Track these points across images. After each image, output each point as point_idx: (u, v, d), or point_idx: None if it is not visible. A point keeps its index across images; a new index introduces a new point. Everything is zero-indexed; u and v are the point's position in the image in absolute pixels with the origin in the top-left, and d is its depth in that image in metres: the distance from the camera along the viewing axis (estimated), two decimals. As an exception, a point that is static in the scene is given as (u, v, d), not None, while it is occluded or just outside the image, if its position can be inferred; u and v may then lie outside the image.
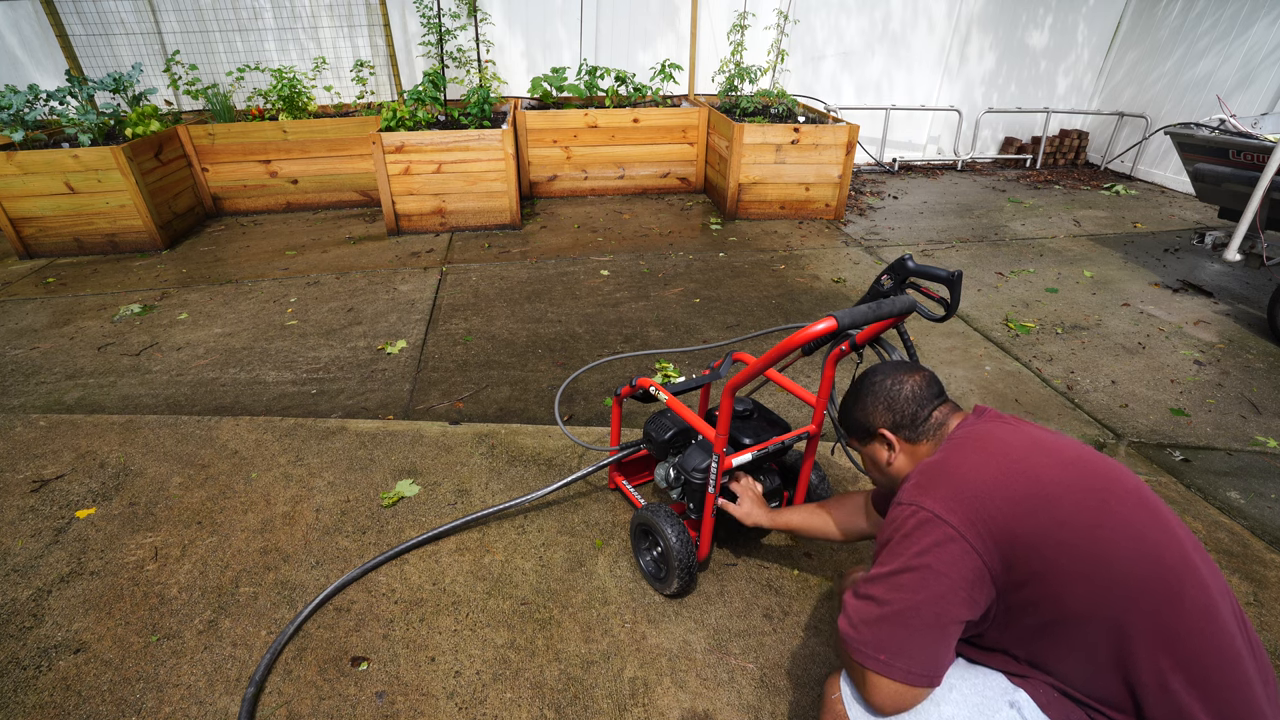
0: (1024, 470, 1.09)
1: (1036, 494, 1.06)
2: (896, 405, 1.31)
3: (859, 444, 1.42)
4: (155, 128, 4.76)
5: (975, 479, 1.09)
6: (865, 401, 1.36)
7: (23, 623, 1.89)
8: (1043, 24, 6.86)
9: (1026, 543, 1.03)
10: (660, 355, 3.31)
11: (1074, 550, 1.02)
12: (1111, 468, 1.12)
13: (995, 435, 1.17)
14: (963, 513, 1.05)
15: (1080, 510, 1.04)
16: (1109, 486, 1.08)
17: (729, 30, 5.75)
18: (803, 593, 2.01)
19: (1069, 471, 1.09)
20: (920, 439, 1.30)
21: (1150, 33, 6.75)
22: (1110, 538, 1.02)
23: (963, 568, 1.03)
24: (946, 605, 1.04)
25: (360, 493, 2.39)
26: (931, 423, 1.29)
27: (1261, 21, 5.79)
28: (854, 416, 1.39)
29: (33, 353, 3.37)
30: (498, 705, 1.67)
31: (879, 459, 1.37)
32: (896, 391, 1.32)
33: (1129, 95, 7.07)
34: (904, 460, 1.33)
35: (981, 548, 1.04)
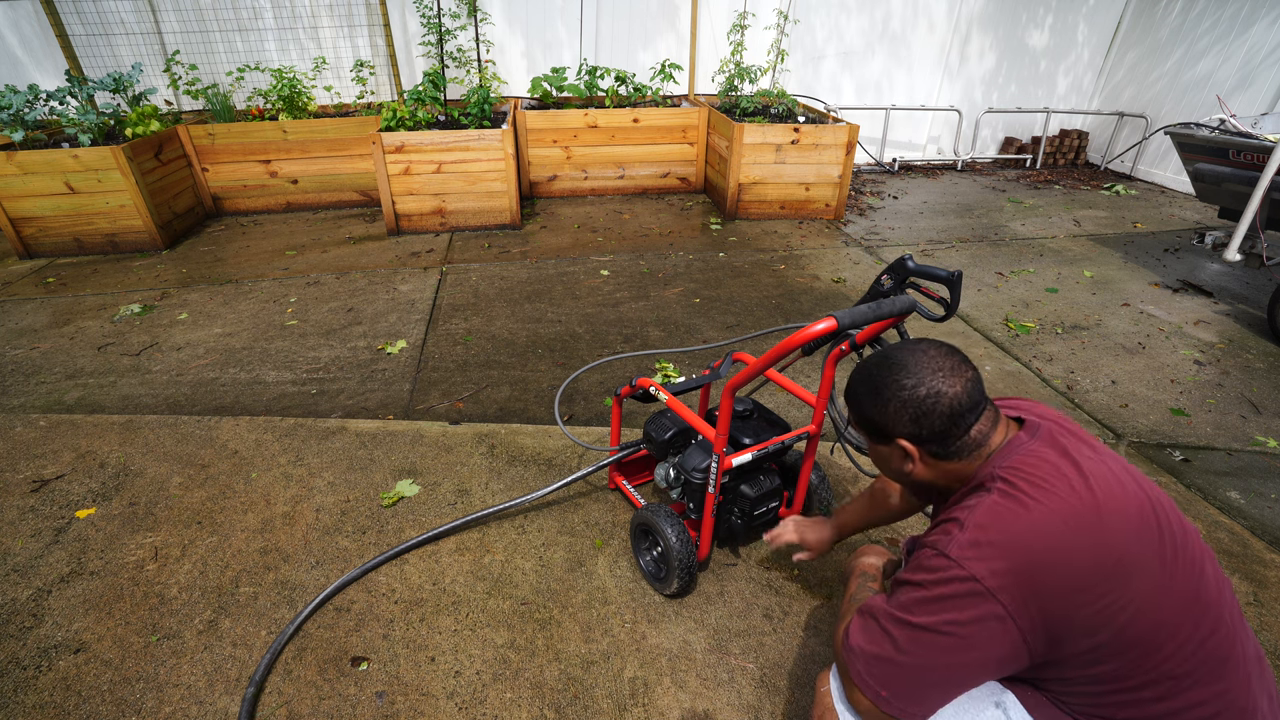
0: (1091, 537, 0.94)
1: (1102, 569, 0.93)
2: (927, 421, 1.07)
3: (868, 437, 1.20)
4: (155, 128, 4.76)
5: (1036, 546, 0.94)
6: (886, 401, 1.10)
7: (23, 623, 1.89)
8: (1043, 24, 6.86)
9: (1082, 627, 0.93)
10: (660, 355, 3.31)
11: (1129, 633, 0.93)
12: (1176, 523, 1.01)
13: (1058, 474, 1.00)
14: (1017, 591, 0.93)
15: (1146, 591, 0.93)
16: (1176, 554, 0.97)
17: (729, 30, 5.75)
18: (803, 593, 2.01)
19: (1138, 536, 0.96)
20: (950, 458, 1.10)
21: (1150, 33, 6.75)
22: (1169, 620, 0.94)
23: (1001, 646, 0.94)
24: (970, 673, 0.97)
25: (360, 493, 2.39)
26: (968, 442, 1.08)
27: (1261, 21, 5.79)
28: (867, 413, 1.15)
29: (33, 353, 3.37)
30: (498, 705, 1.67)
31: (893, 463, 1.17)
32: (930, 405, 1.06)
33: (1129, 95, 7.06)
34: (928, 471, 1.14)
35: (1029, 630, 0.94)
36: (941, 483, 1.14)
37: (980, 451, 1.09)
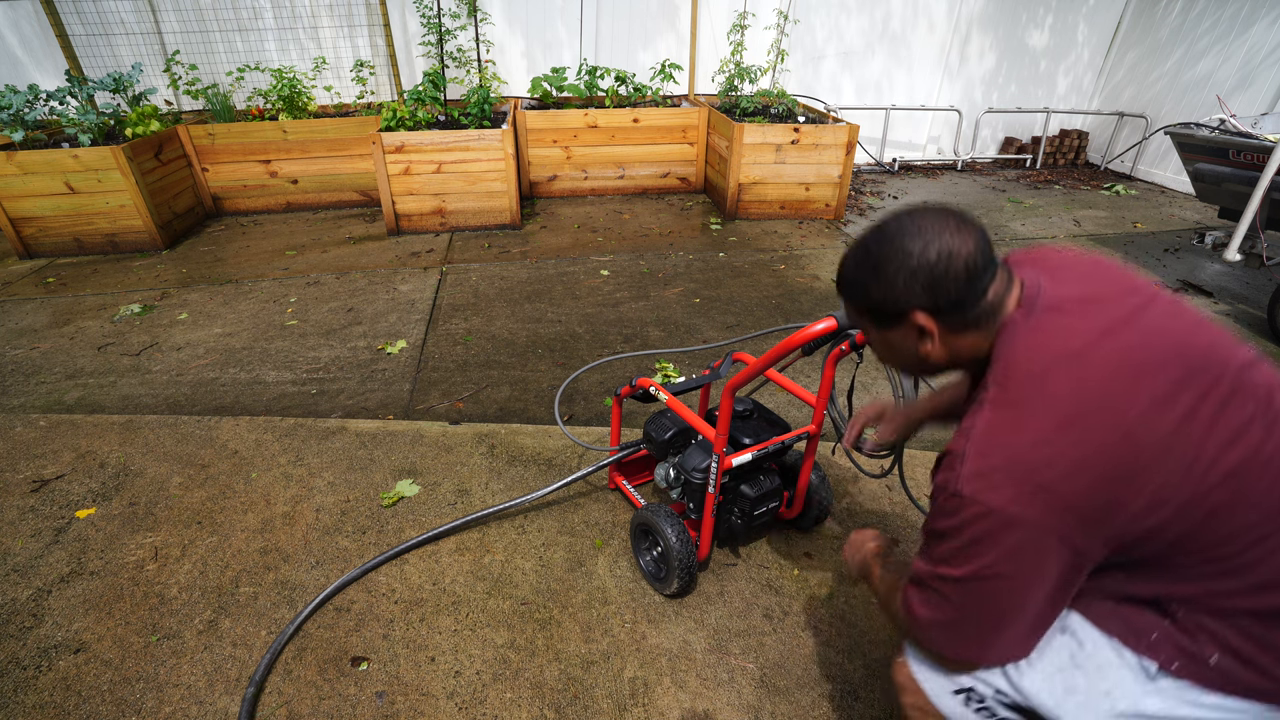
0: (1100, 429, 0.85)
1: (1125, 455, 0.84)
2: (942, 283, 0.93)
3: (871, 325, 1.05)
4: (155, 128, 4.76)
5: (1040, 460, 0.86)
6: (893, 275, 0.96)
7: (23, 623, 1.89)
8: (1043, 24, 6.86)
9: (1133, 511, 0.85)
10: (660, 355, 3.31)
11: (1192, 499, 0.85)
12: (1224, 361, 0.89)
13: (1053, 362, 0.90)
14: (1041, 508, 0.85)
15: (1193, 454, 0.84)
16: (1229, 398, 0.86)
17: (729, 30, 5.75)
18: (803, 593, 2.01)
19: (1166, 400, 0.85)
20: (968, 328, 0.96)
21: (1150, 33, 6.75)
22: (1239, 469, 0.84)
23: (1053, 564, 0.87)
24: (1039, 597, 0.90)
25: (360, 493, 2.39)
26: (985, 306, 0.95)
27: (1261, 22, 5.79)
28: (871, 295, 1.00)
29: (33, 353, 3.37)
30: (498, 705, 1.67)
31: (905, 347, 1.02)
32: (944, 267, 0.92)
33: (1129, 95, 7.06)
34: (942, 350, 1.00)
35: (1073, 537, 0.85)
36: (954, 362, 1.03)
37: (996, 319, 0.96)
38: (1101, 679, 0.94)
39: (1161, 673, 0.91)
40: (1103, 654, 0.94)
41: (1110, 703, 0.93)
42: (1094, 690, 0.94)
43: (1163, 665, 0.91)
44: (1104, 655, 0.94)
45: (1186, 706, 0.91)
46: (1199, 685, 0.90)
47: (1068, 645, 0.97)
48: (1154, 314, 0.93)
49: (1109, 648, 0.94)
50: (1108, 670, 0.93)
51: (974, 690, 1.02)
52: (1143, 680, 0.92)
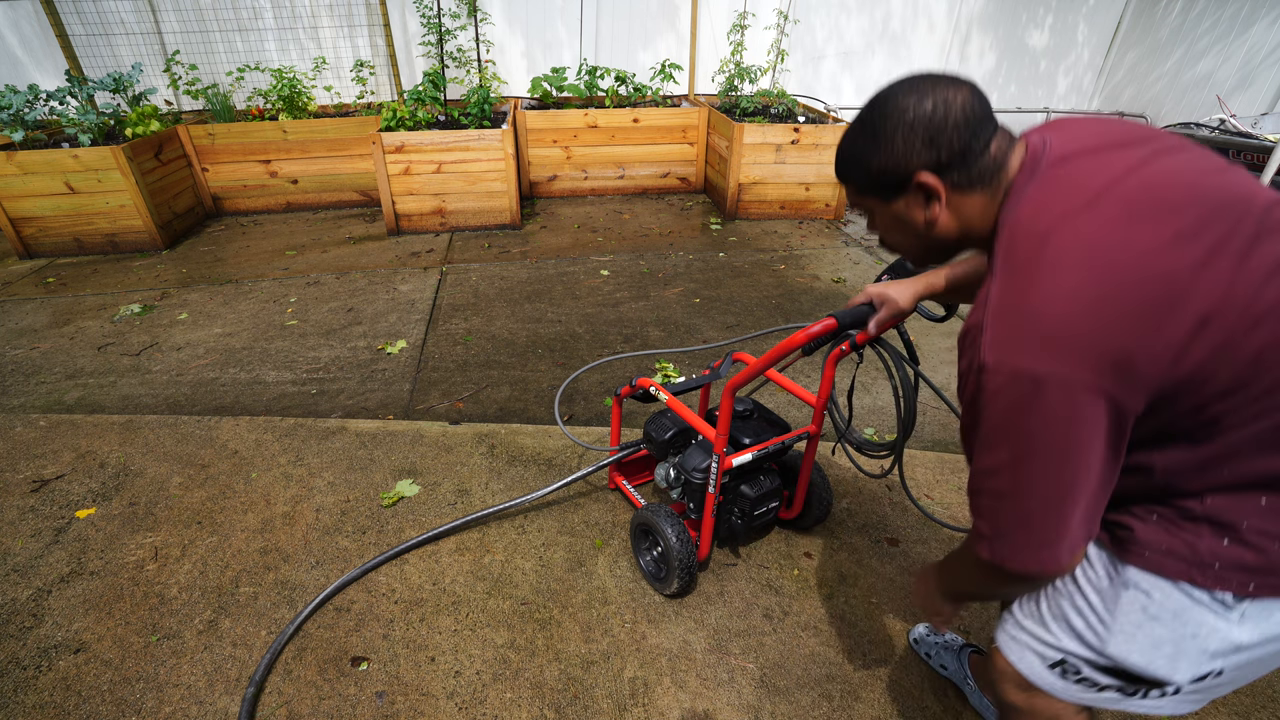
0: (1132, 254, 0.80)
1: (1155, 284, 0.78)
2: (942, 135, 0.89)
3: (876, 200, 1.01)
4: (155, 128, 4.76)
5: (1069, 300, 0.80)
6: (890, 135, 0.93)
7: (23, 623, 1.89)
8: (1043, 24, 6.86)
9: (1166, 354, 0.79)
10: (660, 355, 3.31)
11: (1233, 351, 0.78)
12: (1245, 200, 0.83)
13: (1077, 204, 0.85)
14: (1069, 352, 0.79)
15: (1224, 292, 0.78)
16: (1258, 233, 0.80)
17: (729, 30, 5.75)
18: (803, 593, 2.01)
19: (1196, 234, 0.79)
20: (974, 185, 0.92)
21: (1150, 33, 6.75)
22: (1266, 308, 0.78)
23: (1092, 422, 0.80)
24: (1085, 466, 0.83)
25: (360, 493, 2.39)
26: (989, 161, 0.91)
27: (1261, 21, 5.79)
28: (873, 163, 0.96)
29: (33, 353, 3.37)
30: (498, 705, 1.67)
31: (912, 219, 0.98)
32: (942, 117, 0.89)
33: (1129, 95, 7.06)
34: (949, 217, 0.96)
35: (1107, 382, 0.79)
36: (965, 234, 0.99)
37: (1001, 179, 0.92)
38: (1182, 625, 0.90)
39: (1239, 600, 0.86)
40: (1174, 600, 0.90)
41: (1200, 644, 0.89)
42: (1180, 637, 0.90)
43: (1237, 592, 0.86)
44: (1176, 600, 0.90)
45: (1276, 623, 0.87)
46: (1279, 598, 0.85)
47: (1136, 600, 0.92)
48: (1170, 160, 0.88)
49: (1177, 591, 0.89)
50: (1185, 614, 0.89)
51: (1066, 662, 1.00)
52: (1223, 613, 0.87)
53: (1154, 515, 0.91)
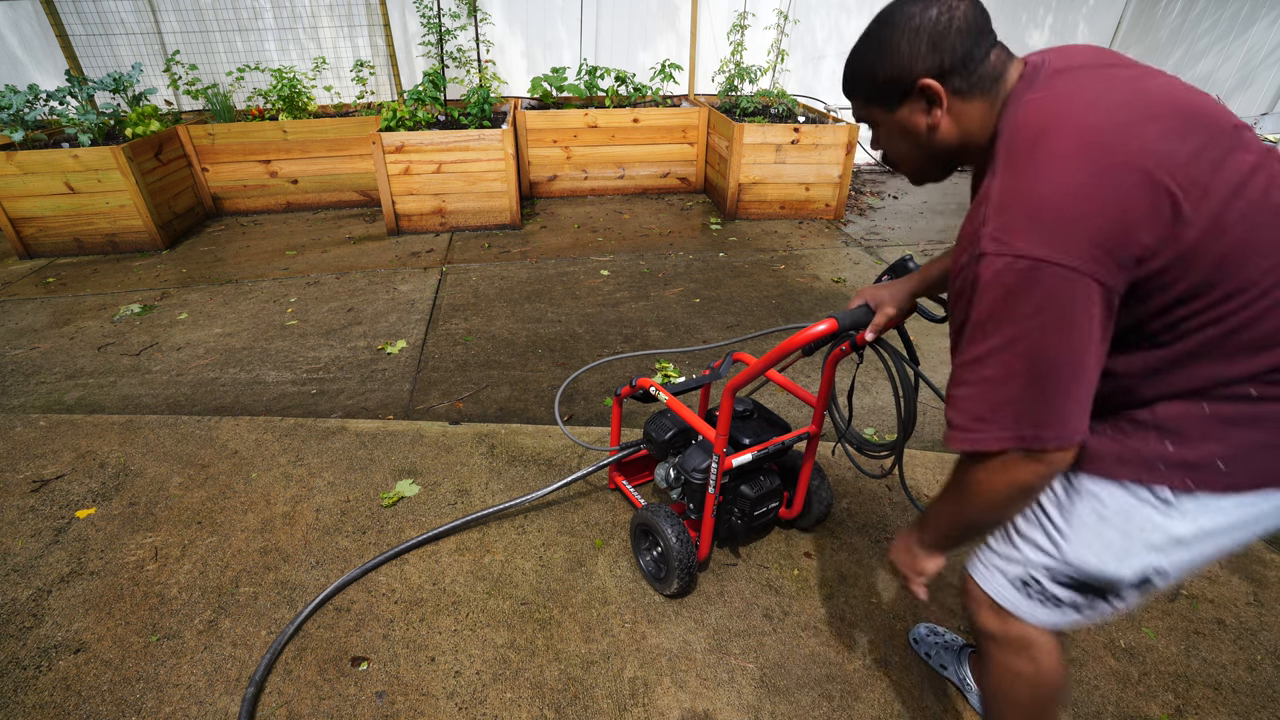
0: (1124, 141, 0.85)
1: (1145, 169, 0.83)
2: (945, 41, 0.95)
3: (881, 110, 1.06)
4: (155, 128, 4.76)
5: (1066, 185, 0.84)
6: (896, 43, 0.97)
7: (23, 623, 1.89)
8: (1043, 24, 6.86)
9: (1151, 234, 0.84)
10: (660, 355, 3.31)
11: (1206, 248, 0.84)
12: (1219, 117, 0.90)
13: (1074, 106, 0.90)
14: (1067, 236, 0.83)
15: (1204, 195, 0.83)
16: (1232, 145, 0.87)
17: (729, 30, 5.75)
18: (803, 593, 2.01)
19: (1181, 136, 0.86)
20: (974, 92, 0.97)
21: (1150, 33, 6.75)
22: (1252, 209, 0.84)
23: (1087, 305, 0.84)
24: (1079, 348, 0.86)
25: (360, 493, 2.39)
26: (989, 68, 0.97)
27: (1261, 21, 5.79)
28: (879, 71, 1.01)
29: (33, 353, 3.37)
30: (498, 705, 1.67)
31: (915, 127, 1.03)
32: (945, 22, 0.94)
33: (1129, 95, 7.06)
34: (950, 124, 1.00)
35: (1100, 267, 0.83)
36: (964, 142, 1.03)
37: (1000, 87, 0.98)
38: (1128, 523, 0.98)
39: (1178, 494, 0.94)
40: (1121, 500, 0.98)
41: (1144, 539, 0.97)
42: (1127, 536, 0.98)
43: (1176, 487, 0.94)
44: (1123, 501, 0.98)
45: (1212, 516, 0.94)
46: (1217, 493, 0.93)
47: (1090, 505, 1.01)
48: (1156, 79, 0.94)
49: (1124, 493, 0.97)
50: (1131, 513, 0.97)
51: (1029, 577, 1.08)
52: (1164, 509, 0.95)
53: (1106, 429, 0.99)
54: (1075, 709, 1.69)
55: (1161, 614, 1.96)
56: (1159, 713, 1.69)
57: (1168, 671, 1.79)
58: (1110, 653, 1.84)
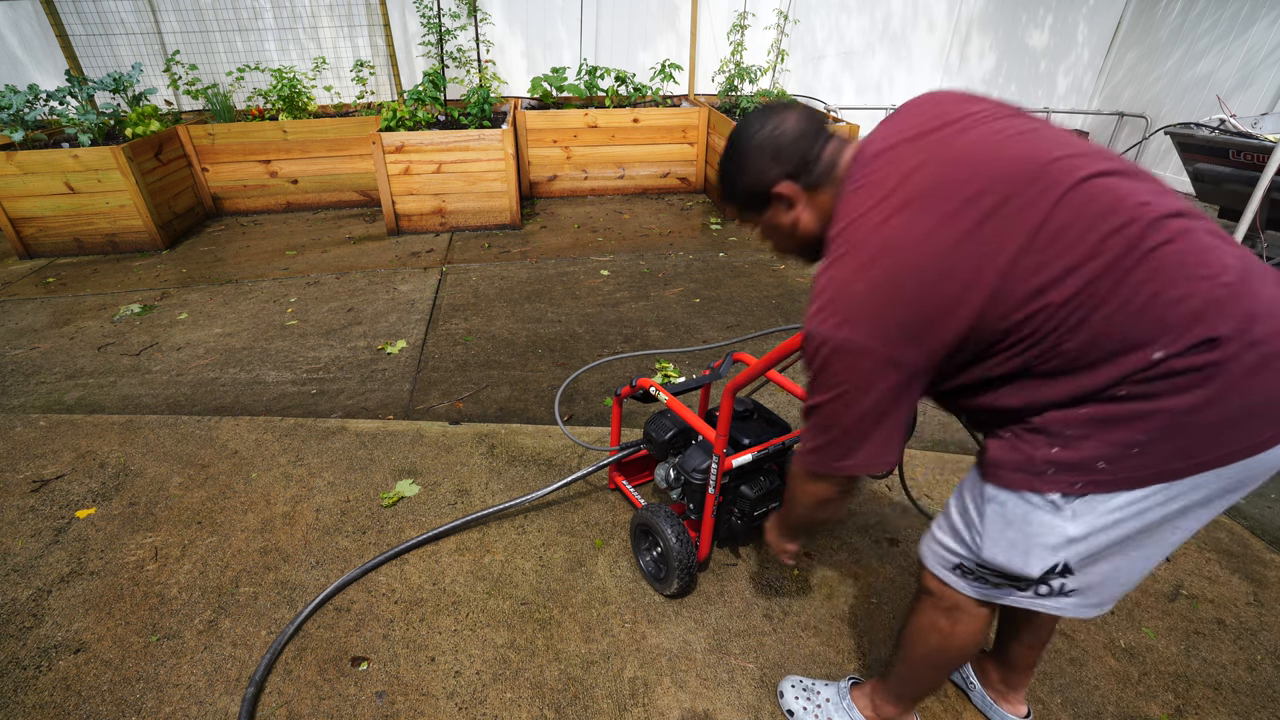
0: (910, 249, 0.96)
1: (927, 278, 0.95)
2: (785, 151, 1.13)
3: (754, 215, 1.24)
4: (155, 128, 4.76)
5: (863, 284, 0.99)
6: (748, 161, 1.17)
7: (23, 623, 1.89)
8: (1043, 24, 6.86)
9: (953, 323, 0.97)
10: (660, 355, 3.31)
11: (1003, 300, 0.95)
12: (1032, 161, 0.96)
13: (868, 208, 1.01)
14: (864, 326, 0.98)
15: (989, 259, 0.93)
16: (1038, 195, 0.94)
17: (729, 30, 5.75)
18: (803, 593, 2.01)
19: (967, 207, 0.95)
20: (820, 184, 1.14)
21: (1150, 33, 6.75)
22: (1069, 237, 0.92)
23: (885, 379, 1.01)
24: (881, 409, 1.04)
25: (360, 493, 2.39)
26: (825, 162, 1.13)
27: (1261, 21, 5.79)
28: (740, 184, 1.20)
29: (33, 353, 3.37)
30: (498, 705, 1.67)
31: (782, 224, 1.21)
32: (779, 134, 1.13)
33: (1129, 95, 7.06)
34: (809, 215, 1.17)
35: (898, 351, 0.99)
36: (823, 227, 1.15)
37: (835, 174, 1.13)
38: (1028, 525, 1.08)
39: (1067, 499, 1.03)
40: (1019, 507, 1.08)
41: (1041, 540, 1.07)
42: (1027, 537, 1.08)
43: (1065, 492, 1.03)
44: (1020, 508, 1.08)
45: (1102, 516, 1.02)
46: (1104, 493, 1.01)
47: (996, 511, 1.11)
48: (974, 133, 1.02)
49: (1021, 500, 1.07)
50: (1030, 516, 1.07)
51: (963, 564, 1.20)
52: (1056, 513, 1.05)
53: (1007, 434, 1.09)
54: (1075, 709, 1.69)
55: (1161, 614, 1.96)
56: (1159, 713, 1.69)
57: (1168, 671, 1.79)
58: (1110, 653, 1.84)
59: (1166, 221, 0.92)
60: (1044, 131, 1.02)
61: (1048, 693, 1.73)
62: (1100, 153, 0.99)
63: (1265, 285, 0.92)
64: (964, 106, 1.07)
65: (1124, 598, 2.01)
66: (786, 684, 1.68)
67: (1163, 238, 0.91)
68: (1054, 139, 1.00)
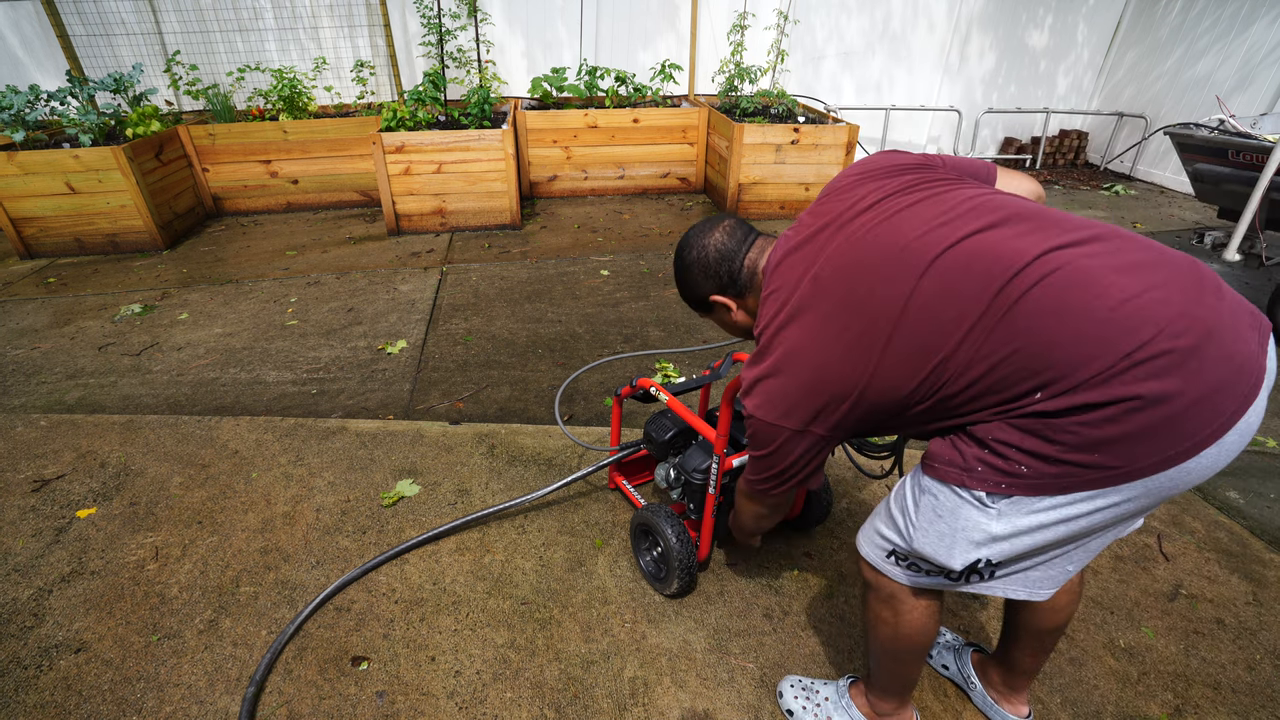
0: (808, 353, 1.13)
1: (826, 370, 1.11)
2: (710, 269, 1.36)
3: (705, 313, 1.49)
4: (156, 128, 4.76)
5: (781, 388, 1.17)
6: (687, 278, 1.41)
7: (23, 622, 1.89)
8: (1043, 24, 6.86)
9: (841, 409, 1.14)
10: (660, 355, 3.31)
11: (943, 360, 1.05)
12: (899, 246, 1.08)
13: (773, 309, 1.19)
14: (788, 414, 1.17)
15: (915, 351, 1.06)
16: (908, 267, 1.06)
17: (729, 30, 5.75)
18: (803, 593, 2.01)
19: (847, 307, 1.10)
20: (745, 292, 1.36)
21: (1150, 32, 6.75)
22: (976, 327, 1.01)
23: (804, 444, 1.20)
24: (802, 460, 1.23)
25: (360, 493, 2.39)
26: (745, 273, 1.34)
27: (1261, 21, 5.79)
28: (686, 295, 1.46)
29: (33, 353, 3.38)
30: (498, 705, 1.68)
31: (726, 319, 1.45)
32: (705, 256, 1.36)
33: (1129, 95, 7.07)
34: (743, 315, 1.40)
35: (815, 426, 1.17)
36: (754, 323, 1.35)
37: (756, 280, 1.33)
38: (956, 519, 1.13)
39: (993, 497, 1.07)
40: (950, 500, 1.13)
41: (966, 535, 1.12)
42: (954, 531, 1.13)
43: (991, 491, 1.07)
44: (951, 501, 1.13)
45: (1025, 517, 1.07)
46: (1028, 495, 1.05)
47: (929, 503, 1.16)
48: (846, 233, 1.13)
49: (952, 494, 1.12)
50: (958, 511, 1.12)
51: (896, 551, 1.26)
52: (982, 509, 1.09)
53: (946, 434, 1.15)
54: (1075, 709, 1.69)
55: (1161, 614, 1.97)
56: (1159, 712, 1.69)
57: (1167, 671, 1.79)
58: (1110, 653, 1.84)
59: (1040, 261, 0.98)
60: (924, 205, 1.10)
61: (1048, 693, 1.73)
62: (985, 206, 1.07)
63: (1171, 293, 0.95)
64: (857, 191, 1.18)
65: (1124, 597, 2.01)
66: (786, 683, 1.68)
67: (1033, 279, 0.97)
68: (931, 212, 1.08)
